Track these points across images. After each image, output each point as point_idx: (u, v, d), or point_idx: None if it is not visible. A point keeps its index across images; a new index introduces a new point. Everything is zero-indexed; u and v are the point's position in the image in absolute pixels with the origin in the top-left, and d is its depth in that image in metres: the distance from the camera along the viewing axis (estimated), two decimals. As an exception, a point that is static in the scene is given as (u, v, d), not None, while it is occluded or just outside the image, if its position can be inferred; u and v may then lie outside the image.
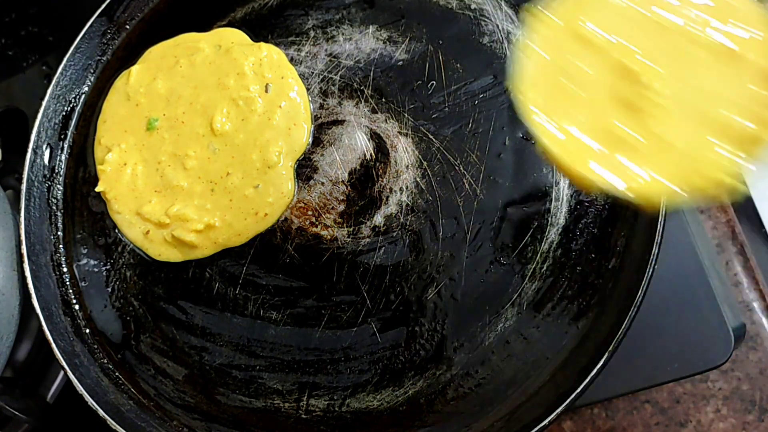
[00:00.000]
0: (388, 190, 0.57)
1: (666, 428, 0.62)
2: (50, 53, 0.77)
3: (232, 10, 0.65)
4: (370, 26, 0.62)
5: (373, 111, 0.60)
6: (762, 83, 0.41)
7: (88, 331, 0.58)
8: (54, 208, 0.62)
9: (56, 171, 0.63)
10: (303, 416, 0.54)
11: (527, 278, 0.54)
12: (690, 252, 0.58)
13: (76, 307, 0.59)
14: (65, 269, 0.60)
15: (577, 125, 0.43)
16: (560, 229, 0.55)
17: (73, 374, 0.54)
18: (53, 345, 0.55)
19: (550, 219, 0.55)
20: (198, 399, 0.56)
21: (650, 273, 0.50)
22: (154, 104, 0.61)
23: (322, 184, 0.58)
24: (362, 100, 0.60)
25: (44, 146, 0.62)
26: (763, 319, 0.64)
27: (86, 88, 0.65)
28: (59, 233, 0.61)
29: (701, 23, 0.43)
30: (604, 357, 0.49)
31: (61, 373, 0.63)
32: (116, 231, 0.60)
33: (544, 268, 0.54)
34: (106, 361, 0.57)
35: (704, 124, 0.41)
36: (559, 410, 0.48)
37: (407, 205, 0.57)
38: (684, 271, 0.58)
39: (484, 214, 0.56)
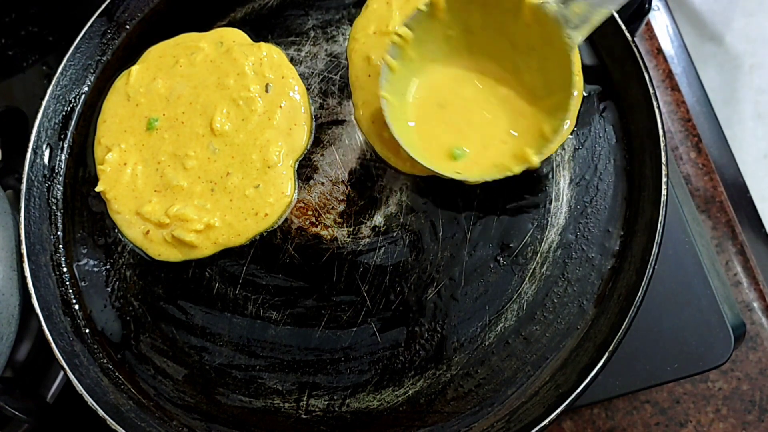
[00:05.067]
0: (388, 190, 0.57)
1: (666, 428, 0.62)
2: (50, 53, 0.77)
3: (232, 10, 0.65)
4: (370, 26, 0.62)
5: (373, 111, 0.59)
6: None
7: (88, 331, 0.58)
8: (54, 208, 0.62)
9: (56, 171, 0.63)
10: (303, 416, 0.54)
11: (527, 278, 0.54)
12: (690, 252, 0.58)
13: (76, 307, 0.59)
14: (65, 269, 0.60)
15: None
16: (560, 229, 0.55)
17: (73, 374, 0.54)
18: (53, 345, 0.55)
19: (550, 219, 0.55)
20: (198, 399, 0.56)
21: (650, 273, 0.50)
22: (154, 104, 0.61)
23: (322, 184, 0.58)
24: (362, 100, 0.60)
25: (44, 146, 0.62)
26: (763, 319, 0.64)
27: (86, 88, 0.65)
28: (59, 233, 0.61)
29: None
30: (604, 357, 0.49)
31: (61, 373, 0.63)
32: (116, 231, 0.60)
33: (544, 268, 0.54)
34: (105, 361, 0.57)
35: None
36: (559, 410, 0.48)
37: (407, 205, 0.57)
38: (684, 271, 0.58)
39: (484, 214, 0.56)
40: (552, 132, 0.51)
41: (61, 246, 0.61)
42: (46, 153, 0.62)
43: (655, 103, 0.53)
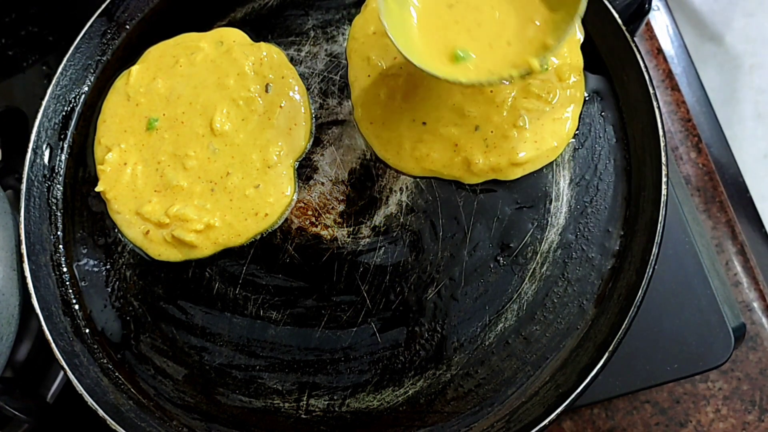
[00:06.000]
0: (388, 190, 0.57)
1: (666, 428, 0.62)
2: (50, 53, 0.77)
3: (232, 10, 0.65)
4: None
5: (373, 111, 0.59)
6: None
7: (87, 331, 0.58)
8: (54, 208, 0.62)
9: (56, 171, 0.63)
10: (303, 416, 0.54)
11: (527, 278, 0.54)
12: (690, 252, 0.58)
13: (76, 307, 0.59)
14: (65, 269, 0.60)
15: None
16: (560, 229, 0.55)
17: (73, 374, 0.54)
18: (53, 345, 0.55)
19: (550, 219, 0.55)
20: (198, 399, 0.56)
21: (650, 273, 0.50)
22: (153, 104, 0.61)
23: (322, 184, 0.58)
24: (362, 100, 0.60)
25: (44, 146, 0.62)
26: (763, 319, 0.64)
27: (86, 88, 0.65)
28: (59, 233, 0.61)
29: None
30: (604, 357, 0.49)
31: (61, 373, 0.63)
32: (116, 231, 0.60)
33: (544, 268, 0.54)
34: (105, 361, 0.57)
35: None
36: (559, 410, 0.48)
37: (407, 205, 0.57)
38: (684, 271, 0.58)
39: (484, 214, 0.56)
40: (556, 41, 0.49)
41: (61, 246, 0.61)
42: (46, 153, 0.62)
43: (655, 103, 0.53)
